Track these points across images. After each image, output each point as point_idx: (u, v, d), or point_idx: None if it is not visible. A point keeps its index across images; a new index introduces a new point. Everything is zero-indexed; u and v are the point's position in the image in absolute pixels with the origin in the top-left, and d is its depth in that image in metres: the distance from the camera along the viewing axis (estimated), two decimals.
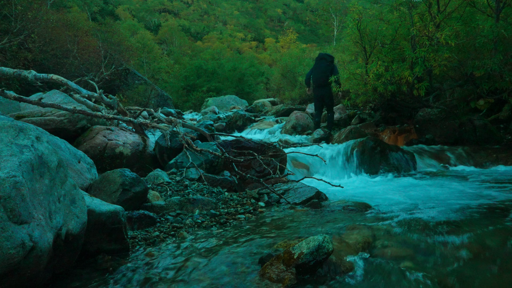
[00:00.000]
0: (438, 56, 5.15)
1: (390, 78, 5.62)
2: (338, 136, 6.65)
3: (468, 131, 5.51)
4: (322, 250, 1.58)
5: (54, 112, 4.00)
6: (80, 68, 11.00)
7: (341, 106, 8.87)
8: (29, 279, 1.35)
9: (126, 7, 65.66)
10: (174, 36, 51.12)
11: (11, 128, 1.52)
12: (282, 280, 1.52)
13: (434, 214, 2.39)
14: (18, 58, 9.14)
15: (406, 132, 6.45)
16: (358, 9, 6.18)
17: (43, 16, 10.24)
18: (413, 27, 5.43)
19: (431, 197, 3.09)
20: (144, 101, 12.54)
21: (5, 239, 1.22)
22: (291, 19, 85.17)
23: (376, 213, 2.54)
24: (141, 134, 4.53)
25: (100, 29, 14.39)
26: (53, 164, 1.60)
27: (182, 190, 2.98)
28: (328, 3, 23.05)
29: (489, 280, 1.60)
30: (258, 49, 62.79)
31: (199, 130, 4.65)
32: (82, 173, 2.53)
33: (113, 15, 39.38)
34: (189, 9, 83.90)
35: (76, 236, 1.60)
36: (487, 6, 5.31)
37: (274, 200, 3.01)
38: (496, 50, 4.95)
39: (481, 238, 1.95)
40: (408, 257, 1.77)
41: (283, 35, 44.51)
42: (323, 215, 2.54)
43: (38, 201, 1.42)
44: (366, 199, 3.01)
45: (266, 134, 8.39)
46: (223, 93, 22.16)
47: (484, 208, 2.60)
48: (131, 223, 2.25)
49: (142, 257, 1.85)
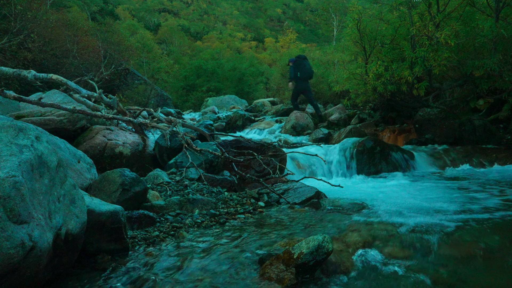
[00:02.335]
0: (438, 56, 5.16)
1: (390, 78, 5.62)
2: (338, 136, 6.66)
3: (467, 131, 5.52)
4: (322, 250, 1.58)
5: (54, 112, 4.00)
6: (80, 68, 10.99)
7: (341, 106, 8.87)
8: (29, 279, 1.35)
9: (125, 7, 65.64)
10: (174, 36, 51.08)
11: (11, 128, 1.52)
12: (282, 280, 1.52)
13: (433, 214, 2.39)
14: (17, 57, 9.13)
15: (405, 132, 6.45)
16: (358, 9, 6.19)
17: (43, 16, 10.23)
18: (413, 27, 5.44)
19: (430, 197, 3.10)
20: (143, 101, 12.53)
21: (5, 239, 1.22)
22: (290, 19, 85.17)
23: (376, 213, 2.54)
24: (140, 134, 4.53)
25: (99, 29, 14.36)
26: (53, 164, 1.60)
27: (181, 190, 2.98)
28: (328, 3, 23.02)
29: (487, 280, 1.60)
30: (258, 49, 62.76)
31: (198, 130, 4.65)
32: (81, 173, 2.53)
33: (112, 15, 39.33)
34: (188, 9, 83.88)
35: (75, 236, 1.60)
36: (486, 6, 5.32)
37: (274, 200, 3.01)
38: (496, 50, 4.95)
39: (480, 238, 1.95)
40: (407, 257, 1.77)
41: (283, 35, 44.55)
42: (322, 215, 2.54)
43: (37, 201, 1.42)
44: (366, 199, 3.01)
45: (266, 134, 8.39)
46: (222, 93, 22.15)
47: (484, 208, 2.60)
48: (131, 223, 2.25)
49: (142, 257, 1.85)
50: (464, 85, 5.91)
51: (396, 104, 6.90)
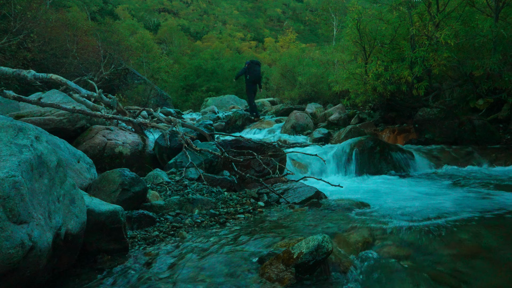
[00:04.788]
0: (438, 56, 5.16)
1: (390, 78, 5.62)
2: (338, 136, 6.66)
3: (467, 131, 5.52)
4: (322, 250, 1.58)
5: (54, 111, 4.00)
6: (80, 68, 10.98)
7: (341, 106, 8.88)
8: (29, 279, 1.35)
9: (125, 6, 65.53)
10: (174, 35, 51.07)
11: (11, 127, 1.52)
12: (282, 279, 1.52)
13: (433, 214, 2.40)
14: (17, 57, 9.12)
15: (405, 132, 6.45)
16: (358, 9, 6.19)
17: (43, 16, 10.22)
18: (413, 26, 5.44)
19: (430, 197, 3.10)
20: (143, 101, 12.53)
21: (5, 239, 1.22)
22: (290, 18, 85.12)
23: (375, 212, 2.54)
24: (140, 133, 4.53)
25: (99, 29, 14.35)
26: (53, 164, 1.60)
27: (181, 190, 2.98)
28: (328, 3, 23.04)
29: (487, 279, 1.60)
30: (258, 48, 62.68)
31: (198, 129, 4.65)
32: (81, 173, 2.53)
33: (112, 15, 39.27)
34: (188, 8, 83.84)
35: (75, 236, 1.60)
36: (486, 5, 5.32)
37: (274, 199, 3.01)
38: (495, 50, 4.95)
39: (480, 237, 1.95)
40: (407, 256, 1.77)
41: (283, 35, 44.52)
42: (322, 215, 2.54)
43: (37, 200, 1.42)
44: (366, 198, 3.01)
45: (266, 133, 8.39)
46: (222, 92, 22.14)
47: (483, 207, 2.60)
48: (131, 223, 2.25)
49: (142, 256, 1.85)
50: (464, 85, 5.92)
51: (395, 104, 6.90)
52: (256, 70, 10.13)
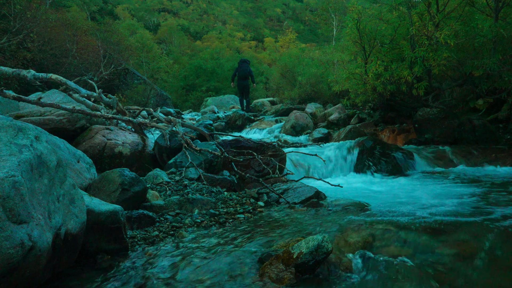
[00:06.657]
0: (437, 56, 5.16)
1: (389, 78, 5.62)
2: (338, 135, 6.66)
3: (467, 131, 5.52)
4: (321, 250, 1.58)
5: (53, 111, 3.99)
6: (79, 68, 10.98)
7: (340, 106, 8.88)
8: (28, 279, 1.35)
9: (125, 6, 65.48)
10: (174, 35, 51.06)
11: (10, 127, 1.52)
12: (282, 279, 1.52)
13: (433, 214, 2.39)
14: (17, 57, 9.12)
15: (405, 132, 6.46)
16: (358, 8, 6.18)
17: (42, 16, 10.22)
18: (412, 26, 5.44)
19: (430, 197, 3.10)
20: (143, 101, 12.53)
21: (4, 239, 1.22)
22: (290, 18, 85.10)
23: (375, 212, 2.54)
24: (140, 133, 4.53)
25: (99, 29, 14.36)
26: (52, 163, 1.60)
27: (181, 190, 2.98)
28: (328, 3, 23.02)
29: (487, 279, 1.60)
30: (258, 48, 62.65)
31: (198, 129, 4.65)
32: (81, 173, 2.53)
33: (112, 15, 39.32)
34: (188, 8, 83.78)
35: (75, 236, 1.60)
36: (486, 5, 5.31)
37: (274, 199, 3.01)
38: (495, 50, 4.95)
39: (481, 237, 1.95)
40: (407, 256, 1.77)
41: (283, 35, 44.53)
42: (322, 215, 2.54)
43: (37, 200, 1.42)
44: (366, 198, 3.01)
45: (266, 133, 8.39)
46: (222, 92, 22.12)
47: (483, 207, 2.60)
48: (130, 223, 2.25)
49: (142, 256, 1.85)
50: (464, 85, 5.91)
51: (395, 104, 6.90)
52: (244, 66, 11.04)
